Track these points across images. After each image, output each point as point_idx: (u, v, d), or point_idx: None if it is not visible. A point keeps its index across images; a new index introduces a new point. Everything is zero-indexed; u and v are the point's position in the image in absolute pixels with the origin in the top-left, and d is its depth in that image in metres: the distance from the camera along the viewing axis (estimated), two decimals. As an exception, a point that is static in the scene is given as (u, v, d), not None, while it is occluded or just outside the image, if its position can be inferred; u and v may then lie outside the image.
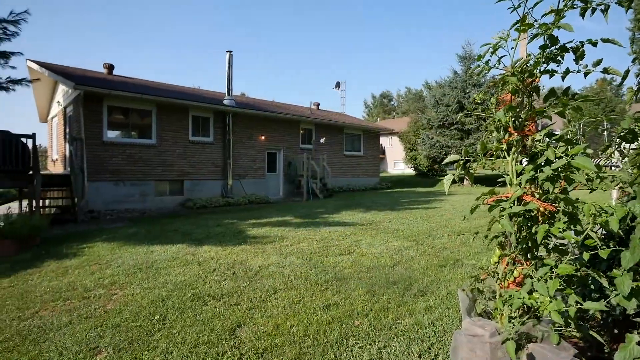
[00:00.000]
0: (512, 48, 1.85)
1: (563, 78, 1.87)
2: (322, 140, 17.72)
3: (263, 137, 15.54)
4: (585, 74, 1.80)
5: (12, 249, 6.17)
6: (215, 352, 2.63)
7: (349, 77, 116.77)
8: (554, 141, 1.84)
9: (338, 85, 33.25)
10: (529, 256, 1.90)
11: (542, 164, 1.75)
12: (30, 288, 4.22)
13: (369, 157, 20.68)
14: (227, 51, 14.72)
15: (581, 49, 1.78)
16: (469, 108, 2.18)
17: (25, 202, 10.14)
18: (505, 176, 1.98)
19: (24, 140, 9.02)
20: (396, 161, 40.08)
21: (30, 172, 8.92)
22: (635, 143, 1.83)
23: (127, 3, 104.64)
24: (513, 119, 1.86)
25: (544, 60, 1.80)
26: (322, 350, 2.65)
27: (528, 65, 1.84)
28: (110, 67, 15.70)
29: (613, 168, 10.38)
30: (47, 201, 11.80)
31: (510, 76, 1.78)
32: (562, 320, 1.53)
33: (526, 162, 1.90)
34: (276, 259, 5.04)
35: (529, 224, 1.83)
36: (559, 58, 1.80)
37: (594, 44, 1.75)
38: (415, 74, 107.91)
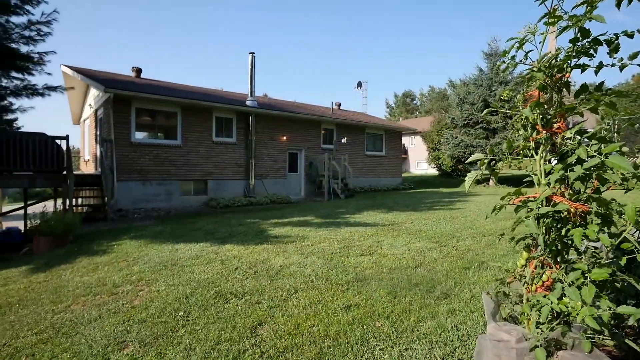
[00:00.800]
0: (540, 42, 1.77)
1: (596, 72, 1.78)
2: (344, 140, 17.67)
3: (284, 138, 15.66)
4: (621, 68, 1.70)
5: (47, 246, 6.48)
6: (236, 350, 2.67)
7: (371, 77, 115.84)
8: (585, 139, 1.75)
9: (360, 85, 33.06)
10: (558, 259, 1.82)
11: (573, 163, 1.67)
12: (64, 283, 4.42)
13: (391, 157, 20.46)
14: (250, 53, 14.93)
15: (615, 42, 1.69)
16: (493, 105, 2.10)
17: (59, 201, 10.65)
18: (532, 176, 1.90)
19: (58, 141, 9.46)
20: (419, 161, 39.46)
21: (64, 172, 9.35)
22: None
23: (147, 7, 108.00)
24: (541, 116, 1.78)
25: (574, 54, 1.72)
26: (343, 350, 2.63)
27: (557, 59, 1.76)
28: (139, 71, 16.22)
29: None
30: (79, 200, 12.34)
31: (537, 72, 1.71)
32: (597, 326, 1.46)
33: (555, 162, 1.82)
34: (297, 259, 5.06)
35: (558, 226, 1.75)
36: (591, 52, 1.70)
37: (630, 36, 1.65)
38: (439, 72, 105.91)
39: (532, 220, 1.67)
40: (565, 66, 1.75)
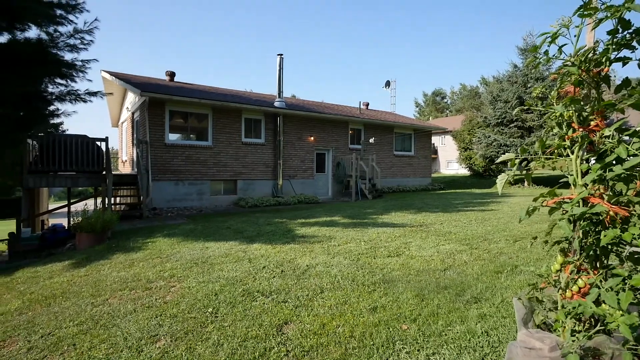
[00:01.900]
0: (574, 36, 1.68)
1: None
2: (372, 140, 17.52)
3: (312, 138, 15.74)
4: (668, 61, 1.59)
5: (88, 242, 6.86)
6: (262, 347, 2.71)
7: (400, 76, 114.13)
8: (627, 137, 1.64)
9: (388, 84, 32.64)
10: (597, 264, 1.72)
11: (613, 162, 1.57)
12: (102, 277, 4.66)
13: (420, 157, 20.08)
14: (278, 54, 15.12)
15: (661, 33, 1.57)
16: (527, 103, 2.01)
17: (99, 200, 11.24)
18: (568, 176, 1.80)
19: (98, 143, 10.00)
20: (449, 161, 38.47)
21: (104, 172, 9.86)
22: None
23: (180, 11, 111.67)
24: (577, 113, 1.69)
25: (614, 47, 1.61)
26: (368, 352, 2.61)
27: (595, 53, 1.66)
28: (172, 75, 16.85)
29: None
30: (117, 199, 12.98)
31: (570, 66, 1.62)
32: (629, 334, 1.36)
33: (593, 161, 1.72)
34: (324, 259, 5.07)
35: (596, 229, 1.65)
36: (633, 44, 1.60)
37: (678, 26, 1.53)
38: (471, 69, 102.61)
39: (565, 222, 1.59)
40: (604, 60, 1.65)
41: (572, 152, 1.78)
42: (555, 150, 1.83)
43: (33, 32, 7.50)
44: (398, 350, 2.63)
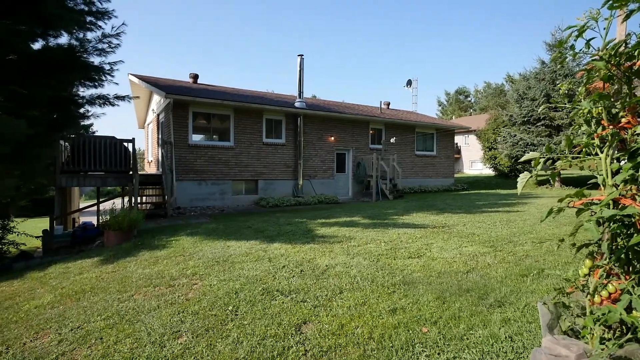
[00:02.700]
0: (604, 29, 1.60)
1: (676, 60, 1.57)
2: (393, 140, 17.33)
3: (332, 138, 15.73)
4: None
5: (115, 239, 7.11)
6: (281, 346, 2.73)
7: (422, 74, 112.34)
8: (662, 135, 1.55)
9: (409, 83, 32.21)
10: (629, 269, 1.63)
11: (647, 161, 1.49)
12: (128, 274, 4.81)
13: (442, 157, 19.71)
14: (299, 55, 15.19)
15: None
16: (553, 100, 1.94)
17: (126, 199, 11.62)
18: (597, 176, 1.72)
19: (125, 144, 10.35)
20: (473, 161, 37.57)
21: (130, 172, 10.19)
22: None
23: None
24: (606, 110, 1.61)
25: (647, 39, 1.53)
26: (387, 354, 2.58)
27: (626, 46, 1.58)
28: (195, 77, 17.23)
29: None
30: (143, 198, 13.39)
31: (598, 61, 1.54)
32: None
33: (625, 161, 1.63)
34: (343, 259, 5.06)
35: (628, 232, 1.57)
36: (669, 36, 1.51)
37: None
38: (496, 67, 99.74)
39: (593, 225, 1.51)
40: (636, 53, 1.56)
41: (602, 151, 1.70)
42: (584, 149, 1.75)
43: (64, 38, 7.84)
44: (418, 353, 2.59)
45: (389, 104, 22.98)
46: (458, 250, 5.48)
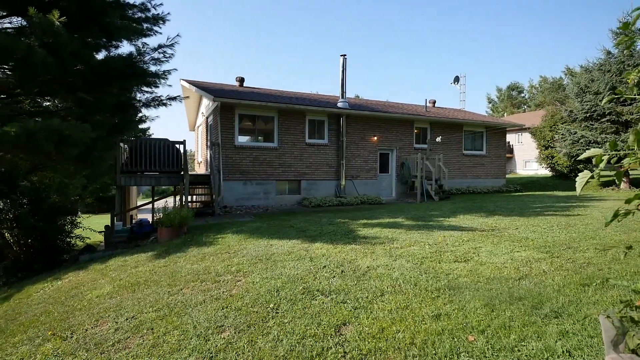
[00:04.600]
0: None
1: None
2: (438, 139, 16.74)
3: (375, 138, 15.53)
4: None
5: (168, 235, 7.53)
6: (320, 347, 2.72)
7: (470, 71, 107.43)
8: None
9: (457, 79, 30.93)
10: None
11: None
12: (178, 269, 5.07)
13: (492, 157, 18.71)
14: (341, 55, 15.16)
15: None
16: (618, 91, 1.74)
17: (178, 197, 12.30)
18: (674, 176, 1.52)
19: (177, 146, 10.94)
20: (527, 160, 35.26)
21: (182, 173, 10.76)
22: None
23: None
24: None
25: None
26: (429, 361, 2.48)
27: None
28: (242, 80, 17.80)
29: None
30: (193, 197, 14.10)
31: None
32: None
33: None
34: (385, 261, 4.95)
35: None
36: None
37: None
38: (554, 60, 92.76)
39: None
40: None
41: (680, 148, 1.50)
42: (657, 146, 1.55)
43: (124, 47, 8.48)
44: (463, 363, 2.46)
45: (434, 102, 22.25)
46: (509, 255, 5.15)
